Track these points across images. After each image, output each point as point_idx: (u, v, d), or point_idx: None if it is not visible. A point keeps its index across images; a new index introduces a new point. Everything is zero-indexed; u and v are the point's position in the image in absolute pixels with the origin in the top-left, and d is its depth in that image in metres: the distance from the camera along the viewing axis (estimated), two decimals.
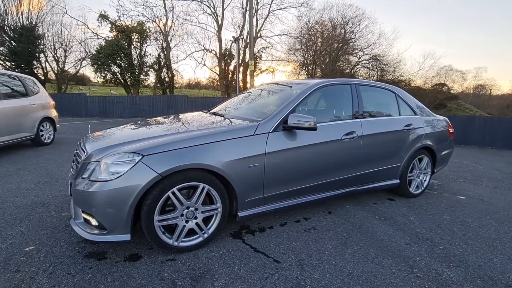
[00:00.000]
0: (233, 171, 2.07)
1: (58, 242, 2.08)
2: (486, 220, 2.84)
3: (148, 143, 1.93)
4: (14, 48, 16.00)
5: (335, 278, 1.80)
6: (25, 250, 1.97)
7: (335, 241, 2.28)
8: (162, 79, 21.40)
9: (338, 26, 22.97)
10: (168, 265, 1.87)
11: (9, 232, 2.21)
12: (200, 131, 2.16)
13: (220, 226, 2.14)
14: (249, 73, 14.50)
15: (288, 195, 2.43)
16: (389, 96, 3.25)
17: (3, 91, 4.62)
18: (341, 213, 2.83)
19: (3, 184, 3.27)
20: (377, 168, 2.94)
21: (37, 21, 16.96)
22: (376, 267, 1.95)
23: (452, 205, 3.22)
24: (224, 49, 21.92)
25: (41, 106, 5.39)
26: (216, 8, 21.38)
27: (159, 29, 19.99)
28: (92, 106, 14.56)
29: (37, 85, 5.58)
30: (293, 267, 1.90)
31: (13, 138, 4.71)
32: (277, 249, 2.13)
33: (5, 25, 15.96)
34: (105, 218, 1.78)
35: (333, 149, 2.59)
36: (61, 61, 18.58)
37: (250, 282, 1.73)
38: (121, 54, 17.81)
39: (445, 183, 4.19)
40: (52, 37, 17.78)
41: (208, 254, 2.02)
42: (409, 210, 3.00)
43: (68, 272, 1.75)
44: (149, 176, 1.79)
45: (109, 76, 18.20)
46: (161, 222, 1.90)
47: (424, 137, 3.26)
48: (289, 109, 2.41)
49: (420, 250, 2.19)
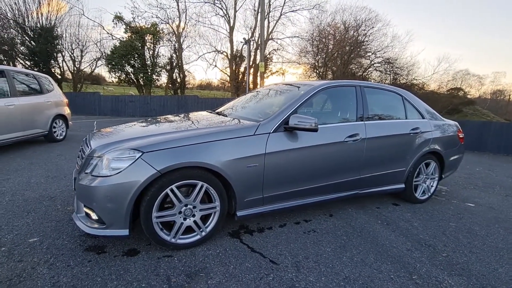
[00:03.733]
0: (232, 171, 2.07)
1: (61, 235, 2.14)
2: (494, 229, 2.74)
3: (149, 141, 1.96)
4: (33, 47, 16.61)
5: (331, 281, 1.78)
6: (29, 241, 2.03)
7: (334, 244, 2.25)
8: (174, 80, 21.75)
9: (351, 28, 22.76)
10: (164, 261, 1.89)
11: (16, 223, 2.29)
12: (200, 130, 2.18)
13: (218, 225, 2.15)
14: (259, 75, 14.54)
15: (288, 196, 2.42)
16: (396, 99, 3.19)
17: (20, 88, 4.81)
18: (343, 216, 2.79)
19: (15, 178, 3.40)
20: (381, 172, 2.89)
21: (56, 22, 17.56)
22: (374, 272, 1.91)
23: (459, 212, 3.12)
24: (236, 50, 22.08)
25: (55, 103, 5.57)
26: (228, 10, 21.62)
27: (172, 30, 20.36)
28: (105, 105, 14.92)
29: (51, 83, 5.77)
30: (289, 269, 1.89)
31: (27, 134, 4.88)
32: (274, 250, 2.12)
33: (26, 26, 16.59)
34: (105, 213, 1.82)
35: (335, 151, 2.56)
36: (77, 61, 19.20)
37: (244, 282, 1.73)
38: (134, 55, 18.19)
39: (454, 189, 4.07)
40: (69, 37, 18.41)
41: (205, 252, 2.04)
42: (413, 215, 2.93)
43: (67, 264, 1.79)
44: (148, 172, 1.82)
45: (122, 76, 18.61)
46: (159, 219, 1.92)
47: (431, 141, 3.18)
48: (290, 110, 2.40)
49: (421, 257, 2.13)
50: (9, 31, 16.71)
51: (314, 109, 2.93)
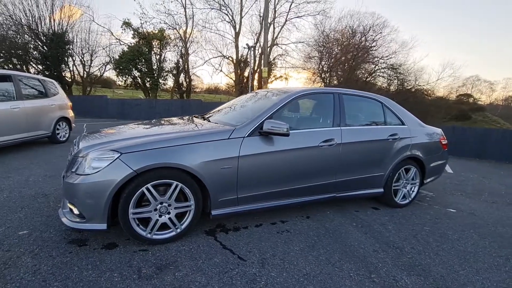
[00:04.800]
0: (206, 172, 2.22)
1: (48, 229, 2.32)
2: (468, 234, 2.80)
3: (127, 143, 2.13)
4: (45, 52, 17.26)
5: (291, 277, 1.89)
6: (19, 234, 2.21)
7: (303, 243, 2.36)
8: (180, 84, 22.17)
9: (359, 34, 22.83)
10: (139, 255, 2.04)
11: (9, 217, 2.48)
12: (178, 134, 2.34)
13: (193, 223, 2.29)
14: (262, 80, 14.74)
15: (263, 197, 2.55)
16: (375, 106, 3.29)
17: (26, 92, 5.09)
18: (319, 218, 2.89)
19: (15, 176, 3.62)
20: (358, 176, 2.99)
21: (67, 28, 18.21)
22: (335, 270, 2.02)
23: (437, 217, 3.18)
24: (240, 56, 22.39)
25: (59, 106, 5.85)
26: (234, 16, 21.99)
27: (179, 35, 20.82)
28: (112, 108, 15.35)
29: (56, 87, 6.06)
30: (255, 265, 2.01)
31: (31, 135, 5.15)
32: (245, 247, 2.24)
33: (39, 32, 17.27)
34: (85, 208, 1.99)
35: (309, 155, 2.68)
36: (87, 65, 19.80)
37: (209, 275, 1.86)
38: (142, 59, 18.71)
39: (440, 195, 4.12)
40: (80, 42, 19.06)
41: (179, 247, 2.18)
42: (390, 219, 3.02)
43: (50, 255, 1.96)
44: (125, 172, 1.98)
45: (129, 80, 19.10)
46: (135, 215, 2.08)
47: (411, 147, 3.26)
48: (266, 115, 2.54)
49: (385, 258, 2.22)
50: (23, 36, 17.42)
51: (290, 115, 3.06)
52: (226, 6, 21.67)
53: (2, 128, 4.45)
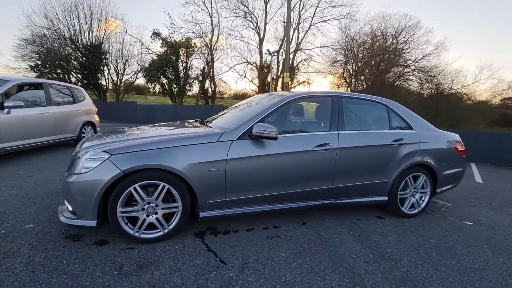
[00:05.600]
0: (193, 174, 2.26)
1: (51, 224, 2.50)
2: (480, 249, 2.54)
3: (119, 145, 2.24)
4: (83, 62, 18.76)
5: (268, 283, 1.85)
6: (25, 227, 2.41)
7: (290, 250, 2.30)
8: (205, 90, 22.81)
9: (390, 36, 21.93)
10: (125, 252, 2.12)
11: (21, 212, 2.71)
12: (167, 136, 2.41)
13: (180, 224, 2.33)
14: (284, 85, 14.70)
15: (254, 201, 2.53)
16: (379, 110, 3.14)
17: (55, 98, 5.56)
18: (315, 225, 2.80)
19: (37, 175, 3.96)
20: (358, 183, 2.85)
21: (103, 39, 19.67)
22: (317, 279, 1.93)
23: (449, 230, 2.93)
24: (264, 61, 22.55)
25: (85, 111, 6.31)
26: (259, 22, 22.26)
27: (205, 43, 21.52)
28: (140, 113, 16.22)
29: (83, 94, 6.56)
30: (234, 269, 1.99)
31: (59, 138, 5.60)
32: (230, 251, 2.23)
33: (79, 44, 18.85)
34: (77, 205, 2.11)
35: (302, 160, 2.61)
36: (120, 73, 21.17)
37: (186, 276, 1.88)
38: (169, 67, 19.58)
39: (459, 206, 3.79)
40: (114, 52, 20.45)
41: (165, 247, 2.23)
42: (393, 229, 2.83)
43: (45, 248, 2.11)
44: (114, 172, 2.08)
45: (157, 87, 20.08)
46: (124, 214, 2.17)
47: (419, 153, 3.05)
48: (257, 119, 2.53)
49: (376, 270, 2.09)
50: (66, 48, 19.11)
51: (287, 119, 3.01)
52: (251, 13, 22.03)
53: (32, 131, 4.89)
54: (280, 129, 2.62)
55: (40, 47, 18.35)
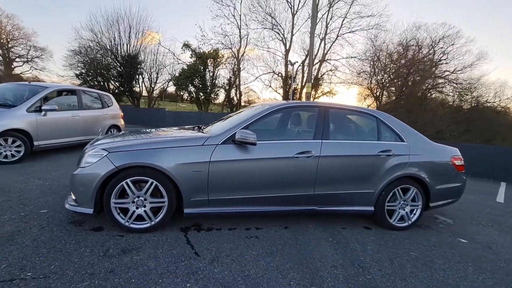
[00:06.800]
0: (178, 173, 2.51)
1: (62, 210, 2.88)
2: (463, 266, 2.47)
3: (117, 144, 2.57)
4: (121, 71, 20.41)
5: (230, 275, 2.01)
6: (40, 212, 2.82)
7: (263, 250, 2.44)
8: (231, 98, 23.55)
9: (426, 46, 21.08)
10: (115, 238, 2.41)
11: (40, 199, 3.15)
12: (159, 138, 2.70)
13: (166, 218, 2.59)
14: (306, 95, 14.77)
15: (236, 202, 2.71)
16: (369, 121, 3.19)
17: (85, 103, 6.25)
18: (297, 230, 2.90)
19: (62, 170, 4.49)
20: (341, 191, 2.92)
21: (140, 50, 21.29)
22: (278, 276, 2.06)
23: (437, 245, 2.86)
24: (289, 71, 22.78)
25: (111, 116, 6.97)
26: (285, 34, 22.67)
27: (233, 54, 22.36)
28: (168, 119, 17.21)
29: (111, 100, 7.25)
30: (205, 261, 2.19)
31: (86, 138, 6.23)
32: (206, 245, 2.43)
33: (118, 54, 20.59)
34: (78, 194, 2.46)
35: (283, 166, 2.75)
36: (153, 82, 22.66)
37: (160, 262, 2.11)
38: (197, 76, 20.60)
39: (460, 223, 3.63)
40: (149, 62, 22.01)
41: (150, 237, 2.49)
42: (376, 240, 2.84)
43: (51, 229, 2.47)
44: (109, 167, 2.40)
45: (186, 95, 21.16)
46: (116, 205, 2.47)
47: (408, 165, 3.04)
48: (241, 126, 2.74)
49: (339, 274, 2.16)
50: (106, 58, 20.97)
51: (273, 127, 3.18)
52: (278, 24, 22.56)
53: (64, 131, 5.55)
54: (265, 136, 2.80)
55: (85, 57, 20.37)
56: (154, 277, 1.92)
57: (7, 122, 4.51)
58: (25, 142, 4.73)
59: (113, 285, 1.81)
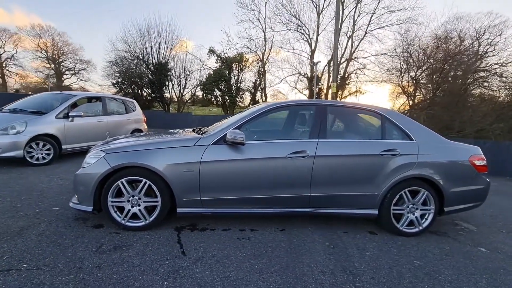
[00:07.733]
0: (170, 173, 2.56)
1: (71, 209, 3.09)
2: (475, 278, 2.20)
3: (113, 146, 2.70)
4: (152, 79, 21.57)
5: (209, 276, 2.00)
6: (52, 209, 3.06)
7: (251, 252, 2.39)
8: (256, 101, 23.68)
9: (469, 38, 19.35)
10: (111, 235, 2.52)
11: (56, 198, 3.42)
12: (153, 139, 2.79)
13: (160, 216, 2.65)
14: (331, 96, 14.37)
15: (229, 203, 2.70)
16: (372, 119, 2.99)
17: (110, 109, 6.69)
18: (293, 233, 2.81)
19: None
20: (340, 193, 2.76)
21: (169, 58, 22.34)
22: (258, 279, 2.00)
23: (450, 254, 2.58)
24: (315, 71, 22.34)
25: (134, 120, 7.37)
26: (310, 34, 22.32)
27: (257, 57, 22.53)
28: (193, 123, 17.78)
29: (135, 105, 7.67)
30: (189, 259, 2.20)
31: None
32: (195, 245, 2.44)
33: (149, 63, 21.80)
34: (79, 193, 2.62)
35: (276, 166, 2.68)
36: (182, 87, 23.62)
37: (145, 259, 2.16)
38: (223, 80, 21.06)
39: (485, 231, 3.25)
40: (178, 69, 23.00)
41: (143, 235, 2.57)
42: (379, 246, 2.64)
43: (57, 225, 2.66)
44: (105, 167, 2.53)
45: (212, 99, 21.71)
46: (113, 203, 2.59)
47: (416, 165, 2.79)
48: (233, 126, 2.72)
49: (326, 281, 2.03)
50: (139, 67, 22.32)
51: (266, 127, 3.11)
52: (303, 25, 22.28)
53: (89, 136, 5.98)
54: (260, 136, 2.76)
55: (121, 67, 21.87)
56: (135, 274, 1.97)
57: (38, 128, 4.98)
58: (54, 146, 5.18)
59: (95, 279, 1.89)
